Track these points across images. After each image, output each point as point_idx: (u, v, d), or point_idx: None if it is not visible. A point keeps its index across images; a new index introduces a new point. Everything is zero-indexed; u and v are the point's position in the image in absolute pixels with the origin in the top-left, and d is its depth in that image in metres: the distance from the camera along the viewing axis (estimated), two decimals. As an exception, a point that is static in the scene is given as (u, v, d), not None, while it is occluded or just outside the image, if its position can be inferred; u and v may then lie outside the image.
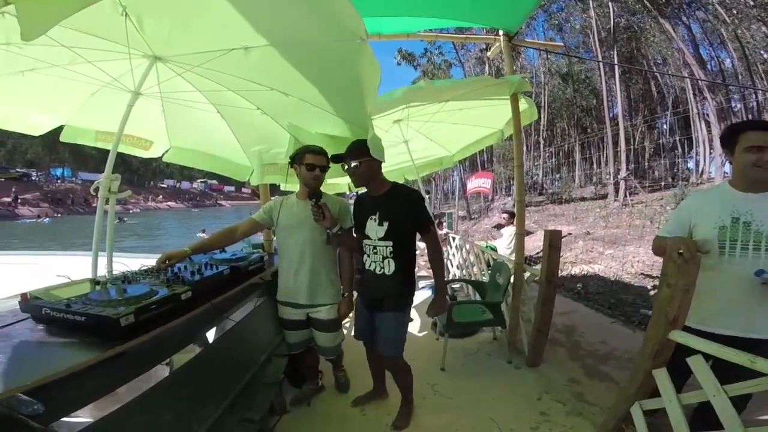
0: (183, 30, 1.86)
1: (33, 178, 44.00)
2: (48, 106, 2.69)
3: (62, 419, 1.14)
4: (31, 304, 1.36)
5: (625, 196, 12.60)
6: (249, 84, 2.17)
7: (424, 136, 4.33)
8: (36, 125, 2.79)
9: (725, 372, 1.43)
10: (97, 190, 2.04)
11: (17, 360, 1.16)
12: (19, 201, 34.86)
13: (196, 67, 2.03)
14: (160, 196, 59.82)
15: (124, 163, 58.57)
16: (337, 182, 4.32)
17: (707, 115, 13.76)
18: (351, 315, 2.38)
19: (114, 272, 1.98)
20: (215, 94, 2.42)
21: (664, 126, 17.19)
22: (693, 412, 1.68)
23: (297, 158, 2.13)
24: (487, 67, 21.18)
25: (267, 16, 1.62)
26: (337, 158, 2.07)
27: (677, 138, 16.90)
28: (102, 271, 2.02)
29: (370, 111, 1.94)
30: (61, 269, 2.39)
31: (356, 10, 1.35)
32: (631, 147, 18.46)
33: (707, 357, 1.50)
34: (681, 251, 1.47)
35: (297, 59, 1.88)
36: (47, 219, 31.03)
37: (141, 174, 62.95)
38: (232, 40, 1.80)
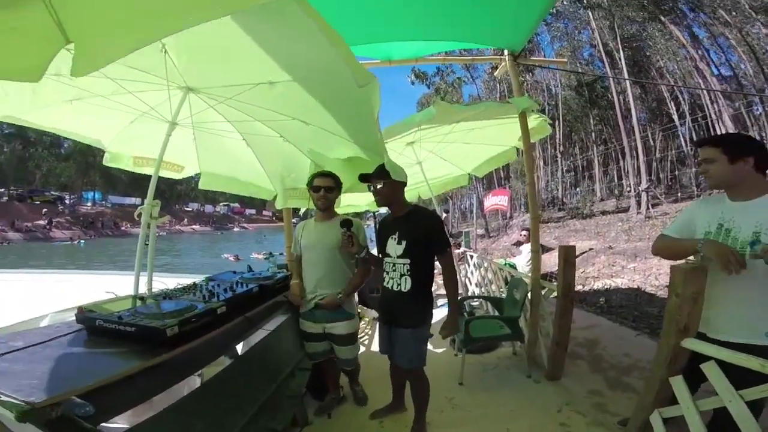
0: (215, 65, 2.08)
1: (66, 201, 46.05)
2: (92, 131, 2.96)
3: (102, 424, 1.22)
4: (86, 316, 1.52)
5: (648, 208, 12.34)
6: (273, 114, 2.36)
7: (437, 156, 4.46)
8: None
9: (734, 378, 1.47)
10: (140, 215, 2.23)
11: (72, 366, 1.29)
12: (53, 224, 36.51)
13: (228, 99, 2.25)
14: (185, 220, 61.46)
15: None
16: (358, 202, 4.48)
17: (722, 120, 13.46)
18: (368, 331, 2.49)
19: (153, 289, 2.16)
20: (242, 123, 2.63)
21: (687, 134, 16.85)
22: (710, 419, 1.69)
23: (309, 183, 2.39)
24: (497, 84, 21.38)
25: (289, 55, 1.80)
26: (364, 178, 2.22)
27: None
28: (142, 288, 2.21)
29: (381, 137, 2.11)
30: (103, 286, 2.60)
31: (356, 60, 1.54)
32: (653, 157, 18.16)
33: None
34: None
35: (316, 92, 2.05)
36: (82, 241, 32.38)
37: (167, 197, 65.07)
38: (259, 76, 2.00)
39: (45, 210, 38.49)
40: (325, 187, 2.36)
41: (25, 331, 1.61)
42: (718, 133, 13.52)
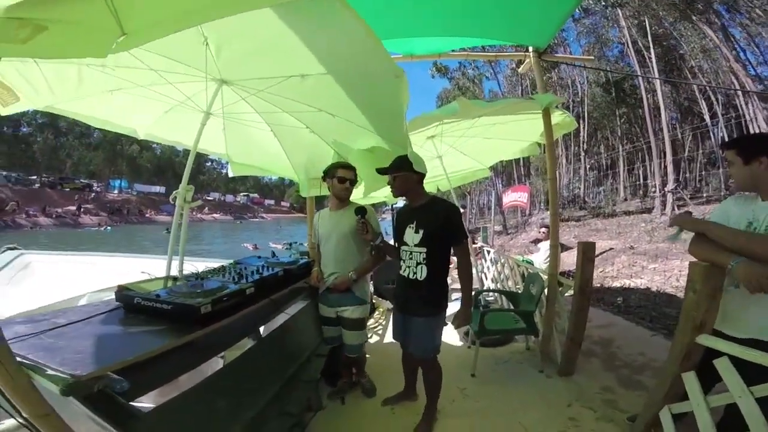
0: (252, 58, 2.17)
1: (94, 188, 47.81)
2: (128, 120, 3.11)
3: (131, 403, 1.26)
4: (125, 295, 1.62)
5: (673, 209, 12.02)
6: (301, 106, 2.46)
7: (458, 150, 4.48)
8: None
9: (749, 376, 1.48)
10: (175, 199, 2.35)
11: (112, 342, 1.36)
12: (82, 210, 37.96)
13: (260, 92, 2.35)
14: (206, 208, 62.83)
15: (175, 175, 62.57)
16: (376, 195, 4.54)
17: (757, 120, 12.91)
18: (383, 322, 2.57)
19: (184, 272, 2.29)
20: (270, 114, 2.74)
21: (720, 134, 16.22)
22: (720, 419, 1.70)
23: (329, 173, 2.46)
24: (520, 80, 21.04)
25: (324, 49, 1.88)
26: (382, 171, 2.29)
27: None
28: (173, 271, 2.34)
29: (406, 130, 2.17)
30: (136, 268, 2.76)
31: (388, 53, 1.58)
32: (681, 157, 17.58)
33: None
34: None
35: (345, 86, 2.14)
36: (109, 228, 33.58)
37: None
38: (292, 68, 2.10)
39: (77, 196, 40.05)
40: (350, 179, 2.45)
41: (66, 309, 1.70)
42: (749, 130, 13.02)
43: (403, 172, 2.20)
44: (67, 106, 2.70)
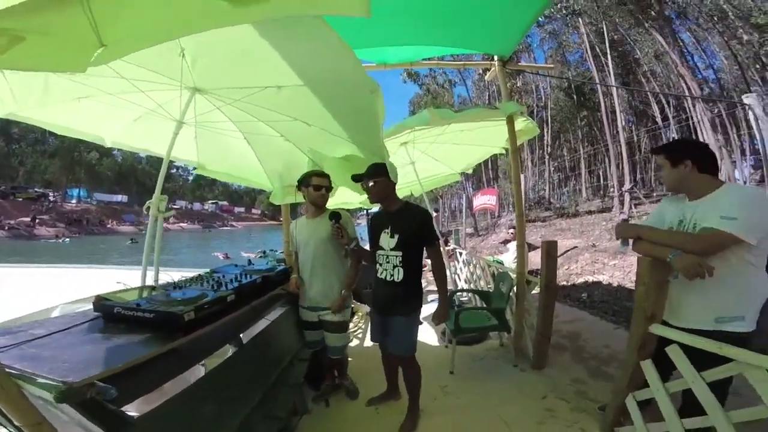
0: (228, 68, 2.19)
1: (51, 198, 45.23)
2: (95, 128, 3.03)
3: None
4: (104, 305, 1.62)
5: (630, 207, 12.69)
6: (276, 115, 2.49)
7: (429, 156, 4.61)
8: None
9: (701, 363, 1.63)
10: (148, 209, 2.33)
11: (97, 350, 1.35)
12: (37, 221, 35.82)
13: (236, 101, 2.37)
14: (172, 218, 60.57)
15: (138, 183, 60.09)
16: (350, 201, 4.60)
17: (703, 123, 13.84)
18: (362, 325, 2.62)
19: (159, 281, 2.26)
20: (245, 123, 2.74)
21: (672, 135, 17.29)
22: (680, 406, 1.82)
23: (304, 181, 2.52)
24: (488, 86, 21.69)
25: (300, 62, 1.92)
26: (357, 178, 2.36)
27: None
28: (149, 281, 2.31)
29: (382, 140, 2.25)
30: (107, 279, 2.69)
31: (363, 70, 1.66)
32: (638, 158, 18.58)
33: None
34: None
35: (322, 97, 2.18)
36: (67, 239, 31.82)
37: (153, 194, 64.31)
38: (268, 80, 2.13)
39: (33, 207, 37.79)
40: (325, 186, 2.51)
41: (44, 320, 1.67)
42: (700, 135, 13.96)
43: (381, 177, 2.29)
44: (30, 114, 2.60)
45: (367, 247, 2.63)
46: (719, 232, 1.59)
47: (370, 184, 2.31)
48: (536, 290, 3.39)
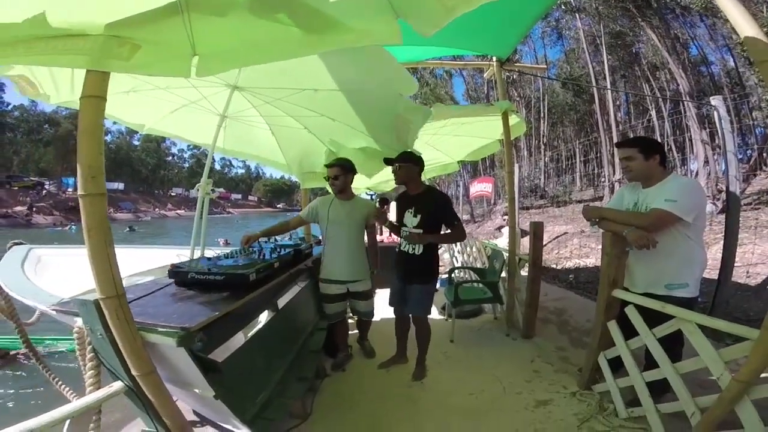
0: (269, 70, 2.33)
1: (46, 186, 44.96)
2: (137, 117, 3.20)
3: None
4: (179, 271, 1.87)
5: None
6: (306, 111, 2.76)
7: (431, 147, 4.97)
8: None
9: (653, 322, 2.00)
10: (198, 191, 2.68)
11: (189, 308, 1.51)
12: (34, 210, 35.71)
13: (276, 101, 2.65)
14: (169, 204, 60.35)
15: (134, 171, 59.63)
16: (357, 186, 4.94)
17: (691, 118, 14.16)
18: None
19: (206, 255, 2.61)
20: (273, 117, 3.02)
21: (667, 128, 17.63)
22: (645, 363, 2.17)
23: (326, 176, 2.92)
24: (485, 83, 21.92)
25: (339, 69, 2.15)
26: (389, 161, 2.77)
27: (672, 139, 17.34)
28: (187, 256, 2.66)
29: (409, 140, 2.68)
30: (146, 259, 2.99)
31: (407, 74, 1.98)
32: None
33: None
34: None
35: (353, 99, 2.48)
36: (74, 228, 30.52)
37: (150, 182, 63.81)
38: (307, 83, 2.36)
39: (31, 193, 37.57)
40: (332, 176, 2.84)
41: (128, 286, 1.84)
42: (692, 128, 14.31)
43: (408, 163, 2.68)
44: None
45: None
46: (663, 211, 1.98)
47: (398, 167, 2.70)
48: (524, 269, 3.80)
